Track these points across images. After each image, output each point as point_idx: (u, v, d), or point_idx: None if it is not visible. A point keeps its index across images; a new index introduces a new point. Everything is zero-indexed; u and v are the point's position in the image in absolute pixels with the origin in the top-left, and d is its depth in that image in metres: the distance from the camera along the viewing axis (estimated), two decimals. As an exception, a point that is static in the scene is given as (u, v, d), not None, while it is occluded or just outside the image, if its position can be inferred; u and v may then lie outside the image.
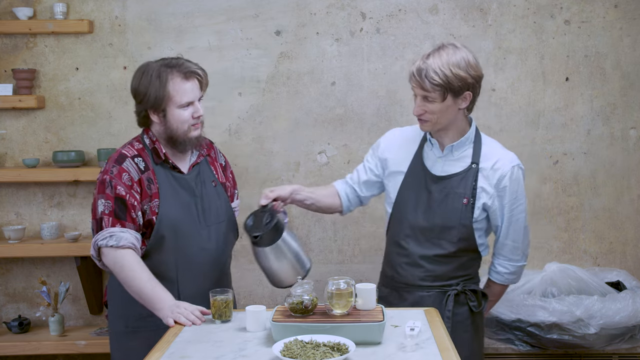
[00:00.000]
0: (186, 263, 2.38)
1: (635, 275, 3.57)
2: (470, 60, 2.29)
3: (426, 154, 2.45)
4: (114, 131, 3.59)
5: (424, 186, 2.41)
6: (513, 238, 2.47)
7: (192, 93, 2.33)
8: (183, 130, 2.34)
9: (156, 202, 2.33)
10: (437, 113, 2.31)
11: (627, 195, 3.58)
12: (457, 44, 2.32)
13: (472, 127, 2.42)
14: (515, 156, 2.44)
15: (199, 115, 2.36)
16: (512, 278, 2.56)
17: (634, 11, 3.51)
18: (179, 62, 2.34)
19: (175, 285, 2.37)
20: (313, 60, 3.56)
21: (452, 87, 2.26)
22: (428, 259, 2.41)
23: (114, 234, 2.26)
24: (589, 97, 3.54)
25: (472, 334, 2.47)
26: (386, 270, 2.54)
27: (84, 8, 3.54)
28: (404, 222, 2.44)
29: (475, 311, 2.45)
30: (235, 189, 2.63)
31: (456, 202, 2.37)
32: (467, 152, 2.40)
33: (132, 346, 2.37)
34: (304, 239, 3.62)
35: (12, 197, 3.62)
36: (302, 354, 1.82)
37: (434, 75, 2.24)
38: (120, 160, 2.32)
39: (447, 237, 2.39)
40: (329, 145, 3.59)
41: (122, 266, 2.25)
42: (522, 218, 2.45)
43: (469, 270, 2.47)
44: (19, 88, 3.49)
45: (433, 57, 2.27)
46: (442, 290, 2.43)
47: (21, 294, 3.68)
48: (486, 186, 2.38)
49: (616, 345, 3.12)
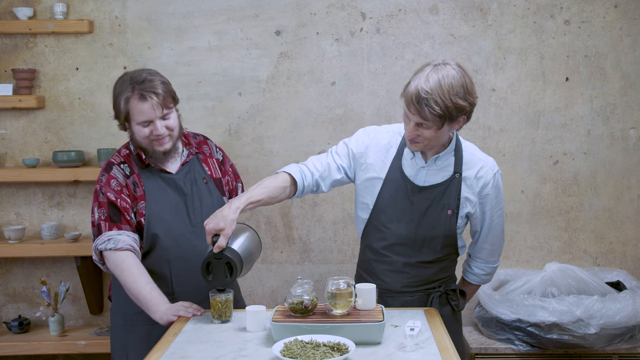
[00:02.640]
0: (178, 261, 2.44)
1: (635, 275, 3.58)
2: (468, 86, 2.18)
3: (406, 162, 2.36)
4: (114, 131, 3.59)
5: (405, 196, 2.35)
6: (491, 242, 2.49)
7: (149, 113, 2.34)
8: (146, 144, 2.41)
9: (142, 204, 2.42)
10: (431, 138, 2.23)
11: (627, 195, 3.58)
12: (453, 64, 2.20)
13: (454, 136, 2.36)
14: (494, 161, 2.41)
15: (159, 133, 2.37)
16: (487, 278, 2.60)
17: (634, 11, 3.51)
18: (142, 78, 2.35)
19: (170, 283, 2.44)
20: (313, 60, 3.56)
21: (450, 116, 2.17)
22: (411, 266, 2.39)
23: (111, 237, 2.35)
24: (589, 97, 3.54)
25: (456, 332, 2.48)
26: (365, 277, 2.47)
27: (84, 8, 3.54)
28: (385, 232, 2.38)
29: (457, 310, 2.48)
30: (238, 182, 2.65)
31: (440, 212, 2.34)
32: (449, 161, 2.36)
33: (130, 340, 2.46)
34: (304, 239, 3.62)
35: (12, 197, 3.62)
36: (302, 354, 1.83)
37: (434, 106, 2.13)
38: (108, 168, 2.44)
39: (431, 245, 2.38)
40: (329, 145, 3.58)
41: (122, 269, 2.33)
42: (500, 222, 2.46)
43: (449, 271, 2.48)
44: (19, 88, 3.49)
45: (433, 82, 2.14)
46: (426, 292, 2.42)
47: (21, 294, 3.68)
48: (470, 195, 2.36)
49: (616, 345, 3.12)
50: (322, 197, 3.59)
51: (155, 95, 2.33)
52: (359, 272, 2.53)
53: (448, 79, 2.15)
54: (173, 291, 2.43)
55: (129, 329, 2.46)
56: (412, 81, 2.20)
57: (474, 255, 2.54)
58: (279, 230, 3.63)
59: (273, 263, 3.64)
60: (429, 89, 2.14)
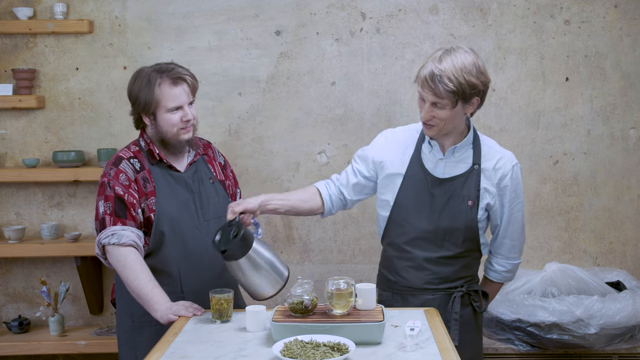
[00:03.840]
0: (187, 258, 2.44)
1: (635, 275, 3.58)
2: (480, 66, 2.26)
3: (425, 156, 2.41)
4: (114, 131, 3.59)
5: (426, 189, 2.38)
6: (511, 237, 2.47)
7: (180, 98, 2.40)
8: (172, 134, 2.42)
9: (153, 200, 2.41)
10: (446, 119, 2.27)
11: (627, 195, 3.58)
12: (465, 48, 2.28)
13: (471, 128, 2.41)
14: (512, 154, 2.45)
15: (188, 119, 2.43)
16: (509, 276, 2.57)
17: (634, 11, 3.51)
18: (169, 67, 2.42)
19: (178, 281, 2.44)
20: (313, 60, 3.56)
21: (464, 94, 2.23)
22: (433, 262, 2.40)
23: (115, 232, 2.34)
24: (589, 97, 3.54)
25: (475, 334, 2.48)
26: (386, 275, 2.50)
27: (84, 8, 3.54)
28: (406, 226, 2.41)
29: (479, 311, 2.46)
30: (237, 188, 2.68)
31: (461, 204, 2.36)
32: (467, 154, 2.39)
33: (139, 341, 2.45)
34: (304, 239, 3.62)
35: (12, 197, 3.63)
36: (302, 354, 1.83)
37: (448, 82, 2.19)
38: (117, 162, 2.42)
39: (452, 239, 2.38)
40: (329, 145, 3.59)
41: (124, 265, 2.32)
42: (520, 217, 2.46)
43: (471, 270, 2.47)
44: (19, 88, 3.49)
45: (445, 62, 2.21)
46: (448, 292, 2.42)
47: (21, 294, 3.68)
48: (489, 186, 2.38)
49: (616, 345, 3.12)
50: (322, 197, 3.59)
51: (184, 80, 2.41)
52: (380, 270, 2.55)
53: (460, 59, 2.23)
54: (182, 289, 2.43)
55: (137, 331, 2.45)
56: (426, 64, 2.27)
57: (495, 251, 2.53)
58: (279, 230, 3.63)
59: (273, 263, 3.64)
60: (442, 67, 2.21)
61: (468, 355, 2.39)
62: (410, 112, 3.54)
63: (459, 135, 2.39)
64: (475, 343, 2.48)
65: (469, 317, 2.44)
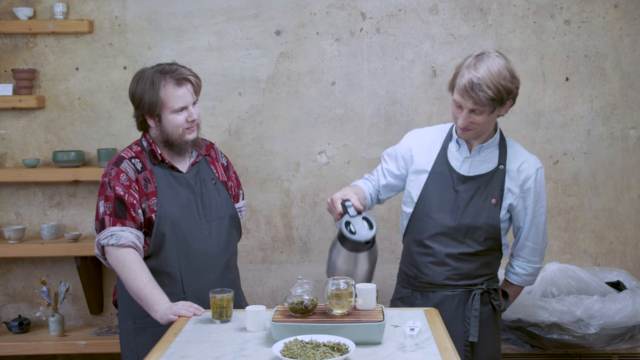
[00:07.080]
0: (188, 258, 2.43)
1: (635, 275, 3.58)
2: (511, 70, 2.32)
3: (451, 154, 2.46)
4: (114, 131, 3.59)
5: (450, 186, 2.42)
6: (534, 240, 2.50)
7: (185, 98, 2.39)
8: (178, 134, 2.41)
9: (154, 200, 2.39)
10: (483, 124, 2.34)
11: (627, 195, 3.58)
12: (494, 52, 2.33)
13: (497, 129, 2.46)
14: (537, 158, 2.49)
15: (193, 119, 2.42)
16: (529, 279, 2.59)
17: (634, 11, 3.51)
18: (172, 68, 2.41)
19: (180, 281, 2.43)
20: (313, 60, 3.56)
21: (501, 100, 2.29)
22: (454, 257, 2.42)
23: (114, 233, 2.33)
24: (589, 97, 3.54)
25: (494, 332, 2.50)
26: (407, 271, 2.53)
27: (84, 8, 3.54)
28: (429, 222, 2.44)
29: (498, 310, 2.49)
30: (240, 189, 2.67)
31: (484, 201, 2.40)
32: (493, 154, 2.44)
33: (141, 342, 2.44)
34: (304, 239, 3.62)
35: (12, 197, 3.63)
36: (302, 354, 1.82)
37: (487, 90, 2.25)
38: (118, 162, 2.41)
39: (474, 236, 2.41)
40: (329, 145, 3.59)
41: (123, 266, 2.31)
42: (542, 220, 2.49)
43: (492, 268, 2.49)
44: (19, 88, 3.49)
45: (481, 69, 2.26)
46: (467, 289, 2.44)
47: (21, 294, 3.68)
48: (512, 187, 2.42)
49: (616, 345, 3.12)
50: (322, 197, 3.59)
51: (188, 81, 2.40)
52: (401, 268, 2.59)
53: (495, 65, 2.28)
54: (183, 290, 2.43)
55: (139, 332, 2.44)
56: (461, 73, 2.30)
57: (516, 253, 2.55)
58: (279, 230, 3.63)
59: (273, 263, 3.64)
60: (480, 75, 2.26)
61: (486, 353, 2.43)
62: (410, 112, 3.54)
63: (486, 135, 2.43)
64: (494, 341, 2.50)
65: (488, 315, 2.46)
